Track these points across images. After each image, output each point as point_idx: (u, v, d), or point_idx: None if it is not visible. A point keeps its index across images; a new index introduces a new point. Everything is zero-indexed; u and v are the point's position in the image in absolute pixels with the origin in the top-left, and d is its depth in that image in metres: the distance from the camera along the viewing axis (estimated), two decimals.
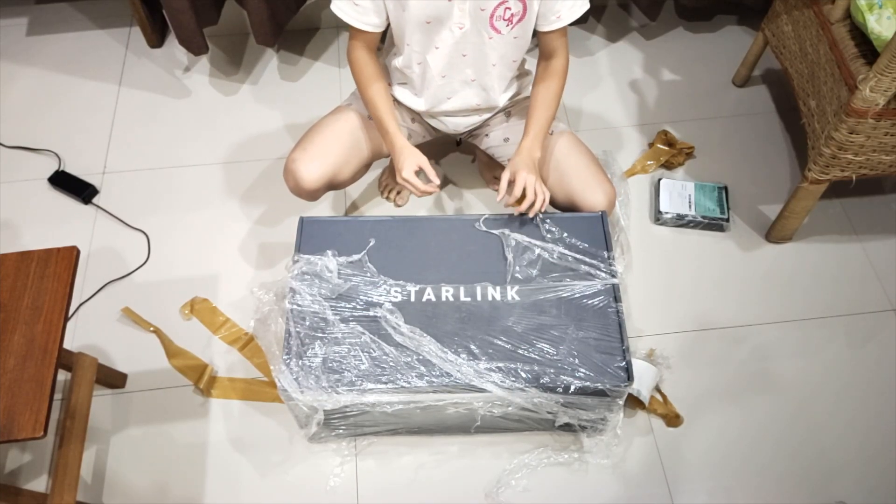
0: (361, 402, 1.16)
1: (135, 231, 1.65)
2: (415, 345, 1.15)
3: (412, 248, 1.28)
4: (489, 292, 1.23)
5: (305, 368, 1.14)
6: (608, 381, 1.14)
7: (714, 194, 1.66)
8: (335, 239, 1.28)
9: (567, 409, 1.20)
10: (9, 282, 1.09)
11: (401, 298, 1.22)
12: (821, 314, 1.52)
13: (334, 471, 1.32)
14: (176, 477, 1.33)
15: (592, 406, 1.20)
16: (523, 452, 1.33)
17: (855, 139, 1.33)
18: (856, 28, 1.34)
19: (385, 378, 1.13)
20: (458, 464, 1.33)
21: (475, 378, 1.13)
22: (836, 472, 1.33)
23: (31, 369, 1.02)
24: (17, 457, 1.35)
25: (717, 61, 1.96)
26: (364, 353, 1.16)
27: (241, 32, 2.05)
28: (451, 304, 1.21)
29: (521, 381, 1.13)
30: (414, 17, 1.20)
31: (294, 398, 1.15)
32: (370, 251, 1.26)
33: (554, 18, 1.23)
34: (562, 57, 1.31)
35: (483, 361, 1.15)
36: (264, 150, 1.79)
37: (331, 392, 1.13)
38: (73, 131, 1.83)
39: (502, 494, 1.29)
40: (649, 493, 1.30)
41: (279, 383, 1.13)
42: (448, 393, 1.16)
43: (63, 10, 2.10)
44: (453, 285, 1.23)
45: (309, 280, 1.21)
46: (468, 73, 1.31)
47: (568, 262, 1.25)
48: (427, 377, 1.13)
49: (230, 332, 1.49)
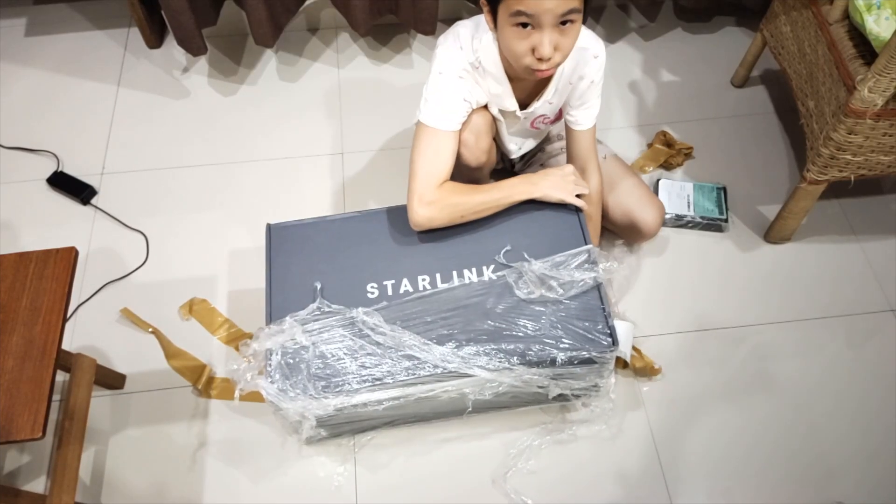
0: (351, 405, 1.16)
1: (133, 232, 1.65)
2: (396, 342, 1.15)
3: (384, 241, 1.27)
4: (466, 276, 1.22)
5: (291, 379, 1.13)
6: (593, 347, 1.14)
7: (713, 195, 1.66)
8: (305, 242, 1.27)
9: (557, 382, 1.19)
10: (7, 283, 1.09)
11: (378, 294, 1.21)
12: (819, 314, 1.52)
13: (336, 469, 1.32)
14: (175, 478, 1.33)
15: (582, 375, 1.19)
16: (523, 433, 1.34)
17: (853, 139, 1.33)
18: (854, 28, 1.34)
19: (372, 378, 1.13)
20: (459, 453, 1.34)
21: (461, 365, 1.12)
22: (835, 473, 1.33)
23: (29, 370, 1.01)
24: (15, 458, 1.35)
25: (715, 62, 1.97)
26: (348, 356, 1.15)
27: (239, 33, 2.05)
28: (430, 292, 1.21)
29: (507, 360, 1.13)
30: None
31: (283, 408, 1.14)
32: (342, 249, 1.26)
33: (573, 121, 1.34)
34: (593, 174, 1.37)
35: (467, 346, 1.14)
36: (263, 151, 1.79)
37: (319, 399, 1.12)
38: (71, 132, 1.83)
39: (510, 480, 1.30)
40: (648, 493, 1.30)
41: (265, 396, 1.12)
42: (437, 382, 1.16)
43: (62, 11, 2.10)
44: (429, 274, 1.23)
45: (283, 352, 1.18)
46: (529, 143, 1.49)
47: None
48: (413, 371, 1.13)
49: (229, 333, 1.49)
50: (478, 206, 1.25)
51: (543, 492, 1.30)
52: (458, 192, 1.24)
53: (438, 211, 1.22)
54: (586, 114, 1.33)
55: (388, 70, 1.97)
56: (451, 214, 1.23)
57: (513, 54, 1.13)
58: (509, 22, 1.09)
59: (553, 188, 1.26)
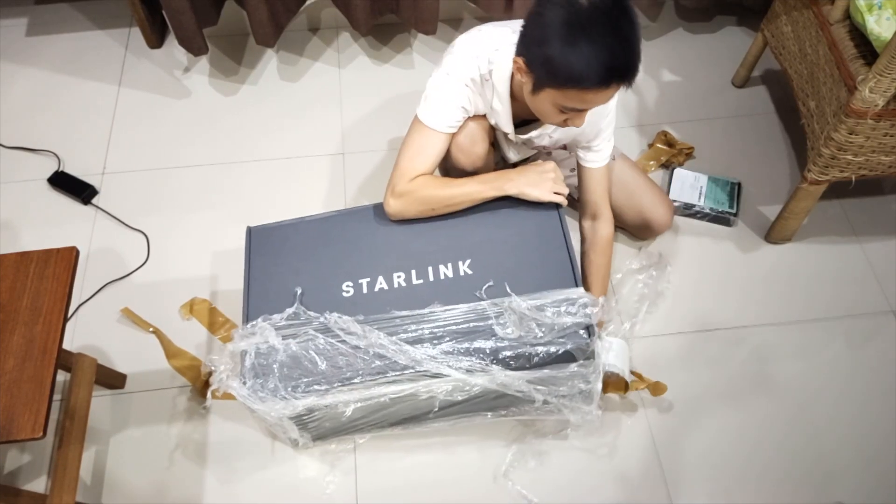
0: (324, 405, 1.15)
1: (134, 231, 1.65)
2: (366, 343, 1.13)
3: (361, 238, 1.27)
4: (441, 271, 1.21)
5: (262, 380, 1.12)
6: (569, 341, 1.11)
7: (727, 188, 1.66)
8: (283, 243, 1.27)
9: (538, 386, 1.17)
10: (8, 282, 1.09)
11: (353, 293, 1.20)
12: (820, 315, 1.52)
13: (337, 470, 1.32)
14: (175, 477, 1.33)
15: (564, 379, 1.16)
16: (518, 439, 1.35)
17: (854, 140, 1.33)
18: (855, 29, 1.34)
19: (343, 377, 1.12)
20: (454, 458, 1.33)
21: (432, 364, 1.10)
22: (835, 473, 1.33)
23: (30, 370, 1.02)
24: (16, 457, 1.35)
25: (716, 62, 1.97)
26: (319, 357, 1.13)
27: (240, 33, 2.05)
28: (404, 289, 1.20)
29: (480, 359, 1.11)
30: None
31: (255, 409, 1.13)
32: (319, 248, 1.25)
33: (583, 158, 1.34)
34: (606, 221, 1.37)
35: (441, 344, 1.12)
36: (264, 151, 1.79)
37: (289, 399, 1.12)
38: (72, 132, 1.83)
39: (507, 483, 1.30)
40: (648, 495, 1.30)
41: (237, 397, 1.11)
42: (410, 382, 1.14)
43: (63, 11, 2.10)
44: (405, 270, 1.22)
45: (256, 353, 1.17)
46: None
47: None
48: (384, 371, 1.12)
49: (229, 333, 1.49)
50: (449, 201, 1.24)
51: (542, 491, 1.30)
52: (430, 186, 1.23)
53: (408, 204, 1.23)
54: (596, 154, 1.31)
55: (388, 70, 1.97)
56: (420, 207, 1.23)
57: (542, 116, 1.14)
58: (554, 102, 1.07)
59: (530, 185, 1.23)
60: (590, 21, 0.97)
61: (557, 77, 1.02)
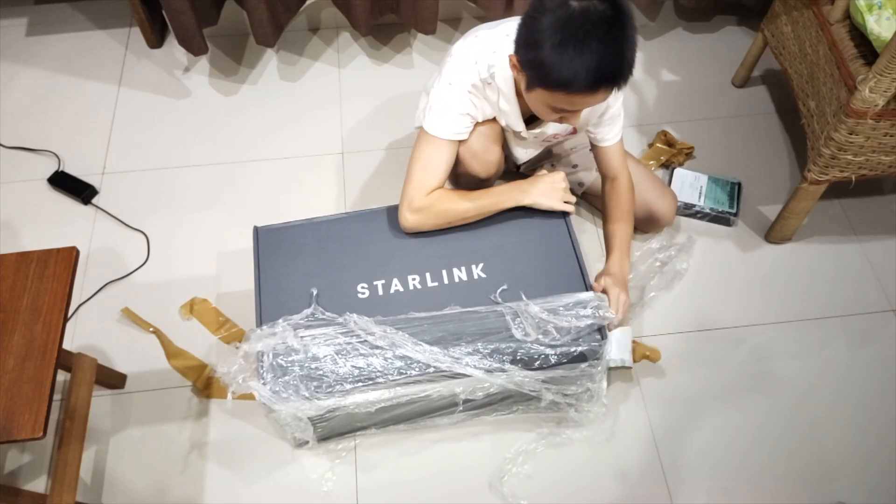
0: (344, 406, 1.16)
1: (134, 231, 1.65)
2: (388, 343, 1.14)
3: (372, 241, 1.27)
4: (455, 274, 1.23)
5: (283, 380, 1.12)
6: (583, 342, 1.14)
7: (727, 188, 1.66)
8: (293, 244, 1.27)
9: (549, 386, 1.19)
10: (8, 282, 1.09)
11: (369, 295, 1.21)
12: (820, 315, 1.52)
13: (337, 470, 1.32)
14: (175, 477, 1.33)
15: (574, 378, 1.19)
16: (520, 436, 1.34)
17: (854, 140, 1.33)
18: (855, 29, 1.34)
19: (364, 378, 1.12)
20: (454, 457, 1.34)
21: (453, 364, 1.12)
22: (835, 473, 1.33)
23: (30, 370, 1.02)
24: (16, 457, 1.35)
25: (716, 62, 1.97)
26: (341, 357, 1.14)
27: (240, 33, 2.05)
28: (420, 291, 1.21)
29: (498, 360, 1.13)
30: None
31: (276, 410, 1.14)
32: (331, 250, 1.26)
33: (601, 139, 1.34)
34: (624, 176, 1.38)
35: (459, 346, 1.14)
36: (264, 151, 1.79)
37: (312, 400, 1.12)
38: (72, 132, 1.83)
39: (506, 484, 1.30)
40: (648, 493, 1.31)
41: (258, 398, 1.12)
42: (430, 383, 1.15)
43: (63, 11, 2.10)
44: (419, 273, 1.23)
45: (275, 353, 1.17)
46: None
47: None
48: (406, 371, 1.13)
49: (230, 333, 1.49)
50: (465, 214, 1.26)
51: (542, 492, 1.30)
52: (446, 200, 1.24)
53: (426, 218, 1.24)
54: (608, 130, 1.33)
55: (388, 70, 1.97)
56: (437, 221, 1.25)
57: (538, 114, 1.15)
58: (545, 102, 1.09)
59: (542, 196, 1.27)
60: (580, 27, 0.98)
61: (547, 80, 1.04)
